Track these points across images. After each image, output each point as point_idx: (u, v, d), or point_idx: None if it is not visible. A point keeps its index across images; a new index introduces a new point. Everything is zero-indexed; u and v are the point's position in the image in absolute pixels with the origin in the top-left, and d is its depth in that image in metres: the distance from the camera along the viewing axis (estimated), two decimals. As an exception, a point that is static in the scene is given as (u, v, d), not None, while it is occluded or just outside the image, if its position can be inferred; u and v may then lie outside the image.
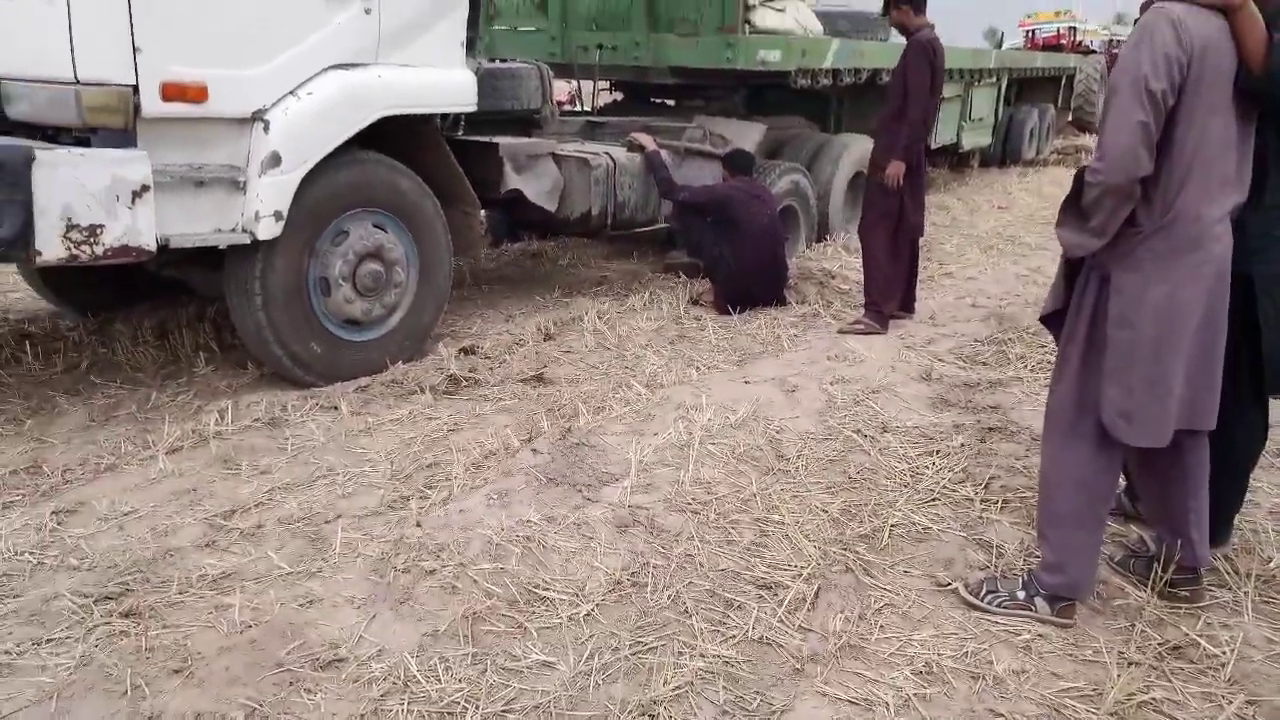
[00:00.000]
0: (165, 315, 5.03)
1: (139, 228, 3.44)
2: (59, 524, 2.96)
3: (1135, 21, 2.28)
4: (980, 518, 3.11)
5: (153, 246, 3.51)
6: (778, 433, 3.75)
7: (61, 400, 4.00)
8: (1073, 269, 2.45)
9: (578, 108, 7.57)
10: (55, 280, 4.89)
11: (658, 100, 7.91)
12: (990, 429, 3.80)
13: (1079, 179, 2.28)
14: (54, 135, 3.55)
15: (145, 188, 3.43)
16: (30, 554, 2.78)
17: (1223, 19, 2.12)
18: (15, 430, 3.68)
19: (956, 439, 3.71)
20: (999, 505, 3.18)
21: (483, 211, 6.84)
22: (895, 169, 5.00)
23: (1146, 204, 2.23)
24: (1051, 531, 2.52)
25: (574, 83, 7.12)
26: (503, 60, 6.37)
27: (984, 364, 4.73)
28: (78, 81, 3.35)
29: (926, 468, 3.48)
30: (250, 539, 2.91)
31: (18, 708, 2.13)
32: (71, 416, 3.86)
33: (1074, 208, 2.32)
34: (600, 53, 6.60)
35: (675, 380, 4.34)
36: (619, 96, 8.24)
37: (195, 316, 5.03)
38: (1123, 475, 2.71)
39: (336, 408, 3.93)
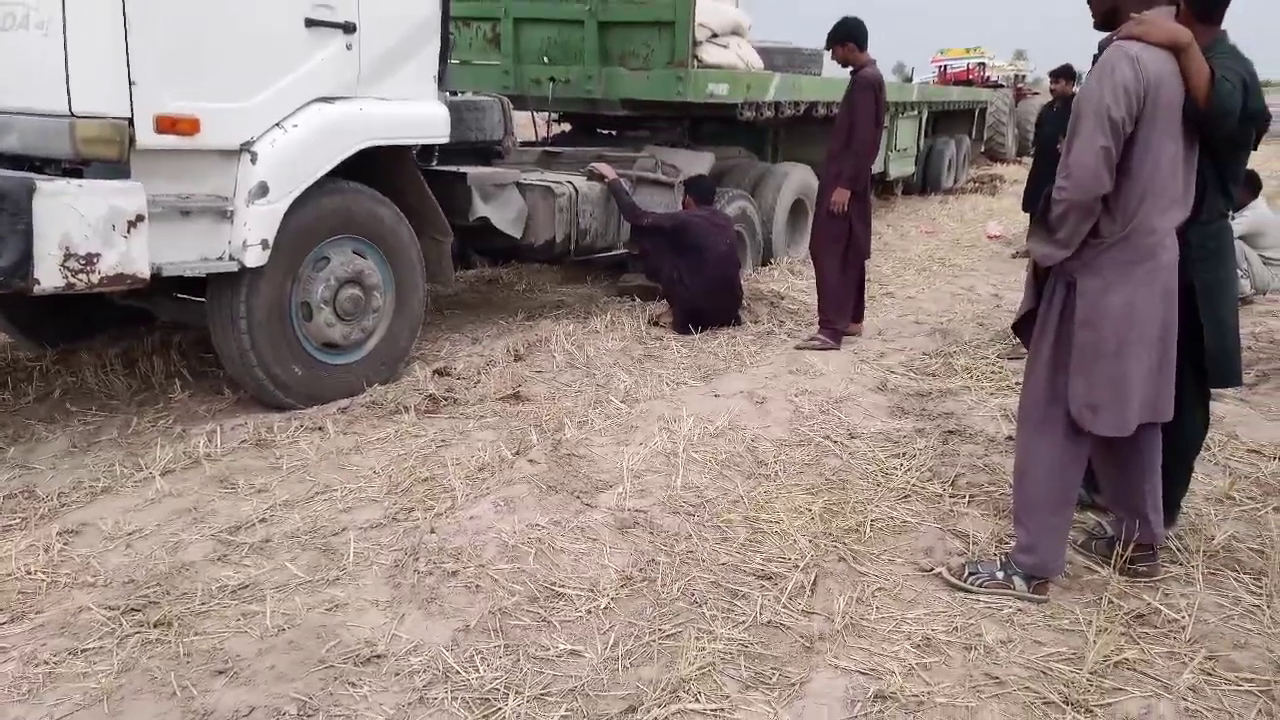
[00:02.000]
0: (129, 344, 5.02)
1: (133, 256, 3.50)
2: (65, 544, 2.99)
3: (1094, 58, 2.57)
4: (951, 511, 3.36)
5: (146, 274, 3.56)
6: (754, 440, 3.97)
7: (39, 428, 3.99)
8: (1040, 277, 2.73)
9: (532, 138, 7.76)
10: (14, 313, 4.85)
11: (605, 131, 8.15)
12: (950, 432, 4.08)
13: (1047, 197, 2.56)
14: (39, 167, 3.60)
15: (140, 217, 3.49)
16: (43, 573, 2.81)
17: (1173, 57, 2.42)
18: None
19: (920, 442, 3.98)
20: (967, 499, 3.44)
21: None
22: (840, 195, 5.31)
23: (1108, 218, 2.51)
24: (1026, 516, 2.77)
25: (535, 115, 7.31)
26: (459, 93, 6.56)
27: (933, 375, 5.04)
28: (72, 114, 3.41)
29: (896, 468, 3.73)
30: (261, 552, 2.98)
31: (69, 711, 2.19)
32: (53, 443, 3.86)
33: (1043, 222, 2.59)
34: (553, 85, 6.81)
35: (650, 395, 4.53)
36: (567, 127, 8.46)
37: (161, 345, 5.04)
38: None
39: (322, 429, 4.01)
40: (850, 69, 5.48)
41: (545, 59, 6.90)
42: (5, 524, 3.14)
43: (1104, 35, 2.56)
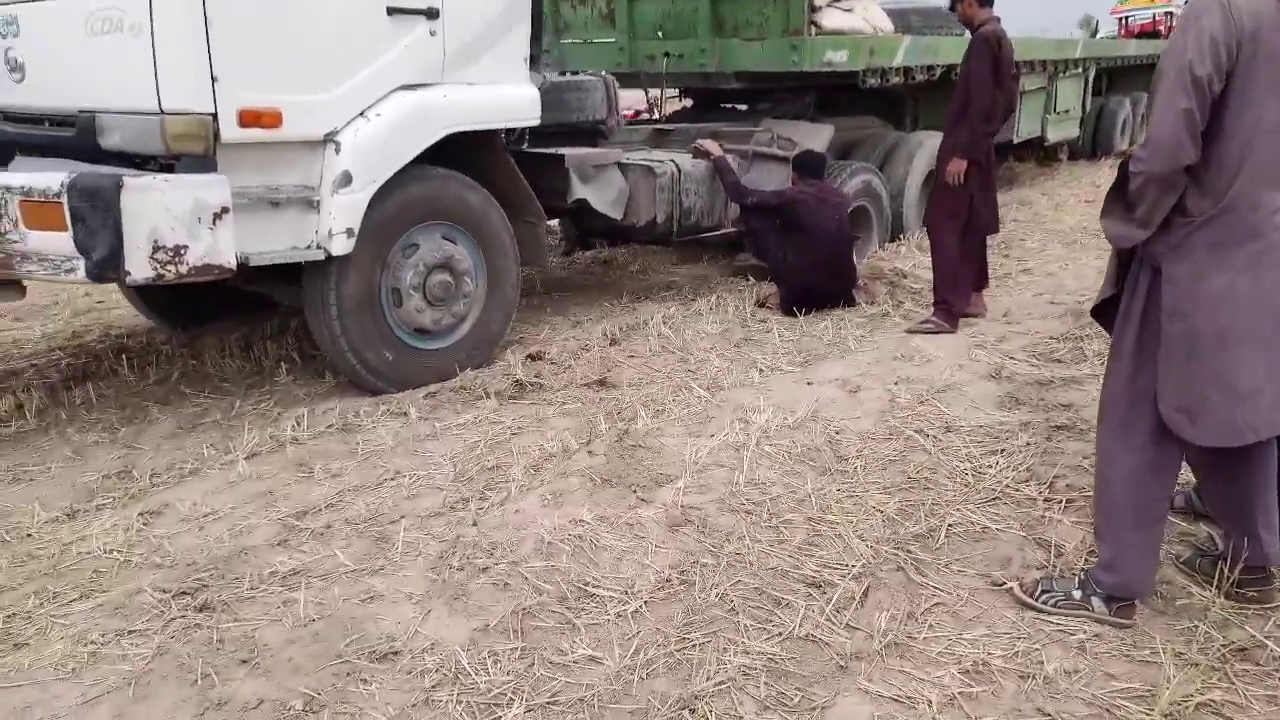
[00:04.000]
0: (251, 329, 5.29)
1: (220, 247, 3.64)
2: (145, 524, 3.16)
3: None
4: (1042, 517, 3.05)
5: (233, 264, 3.70)
6: (837, 433, 3.74)
7: (154, 409, 4.25)
8: (1124, 260, 2.40)
9: (654, 116, 7.65)
10: (150, 297, 5.19)
11: (728, 105, 7.92)
12: (1058, 427, 3.70)
13: (1124, 168, 2.23)
14: (142, 163, 3.80)
15: (225, 209, 3.63)
16: (118, 552, 2.97)
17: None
18: (110, 438, 3.94)
19: (1022, 437, 3.64)
20: (1062, 504, 3.11)
21: (556, 221, 7.07)
22: (956, 166, 4.92)
23: (1197, 192, 2.17)
24: (1107, 529, 2.46)
25: (650, 91, 7.19)
26: (574, 72, 6.52)
27: (1058, 361, 4.61)
28: (162, 111, 3.57)
29: (989, 467, 3.42)
30: (320, 538, 3.05)
31: (102, 693, 2.29)
32: (162, 425, 4.09)
33: (1119, 197, 2.27)
34: (667, 60, 6.66)
35: (736, 383, 4.36)
36: (689, 103, 8.29)
37: (278, 329, 5.28)
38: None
39: (406, 413, 4.07)
40: (971, 28, 5.05)
41: (659, 33, 6.76)
42: (99, 503, 3.35)
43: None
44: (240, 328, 5.32)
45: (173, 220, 3.51)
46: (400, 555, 2.90)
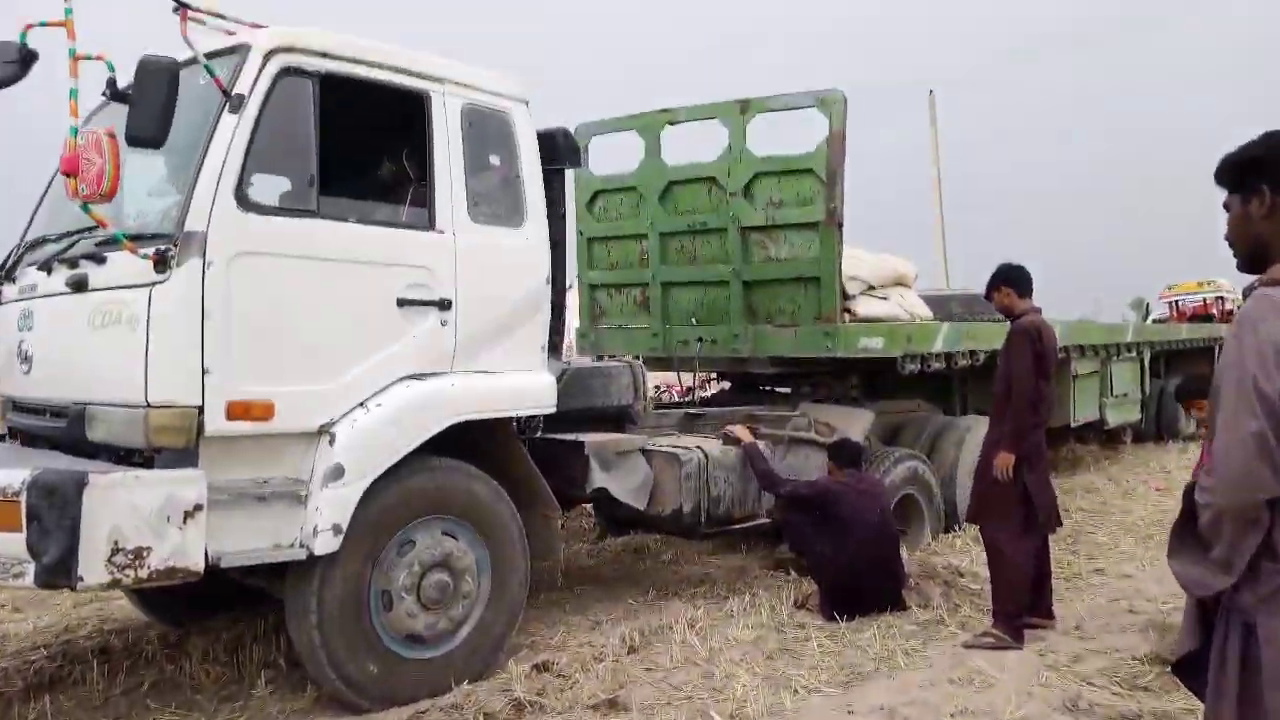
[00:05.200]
0: (244, 627, 4.89)
1: (187, 549, 3.35)
2: None
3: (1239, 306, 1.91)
4: None
5: (200, 567, 3.39)
6: (881, 785, 3.10)
7: (108, 729, 3.79)
8: (1208, 606, 1.93)
9: (693, 399, 7.50)
10: (143, 590, 4.87)
11: (766, 387, 7.76)
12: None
13: (1189, 497, 1.83)
14: (127, 455, 3.62)
15: (198, 507, 3.37)
16: None
17: None
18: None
19: (1110, 800, 2.96)
20: None
21: (590, 506, 6.73)
22: (1004, 460, 4.53)
23: (1290, 529, 1.74)
24: None
25: (689, 375, 7.08)
26: (611, 357, 6.46)
27: (1145, 689, 3.94)
28: (148, 404, 3.42)
29: (1071, 842, 2.74)
30: None
31: None
32: (110, 749, 3.62)
33: (1188, 534, 1.85)
34: (700, 345, 6.59)
35: (764, 711, 3.76)
36: (726, 385, 8.16)
37: (273, 626, 4.87)
38: None
39: (379, 743, 3.55)
40: (1010, 318, 4.85)
41: (693, 320, 6.74)
42: None
43: (1251, 280, 1.88)
44: (235, 626, 4.93)
45: (138, 520, 3.25)
46: None
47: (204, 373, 3.46)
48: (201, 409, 3.46)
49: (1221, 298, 20.78)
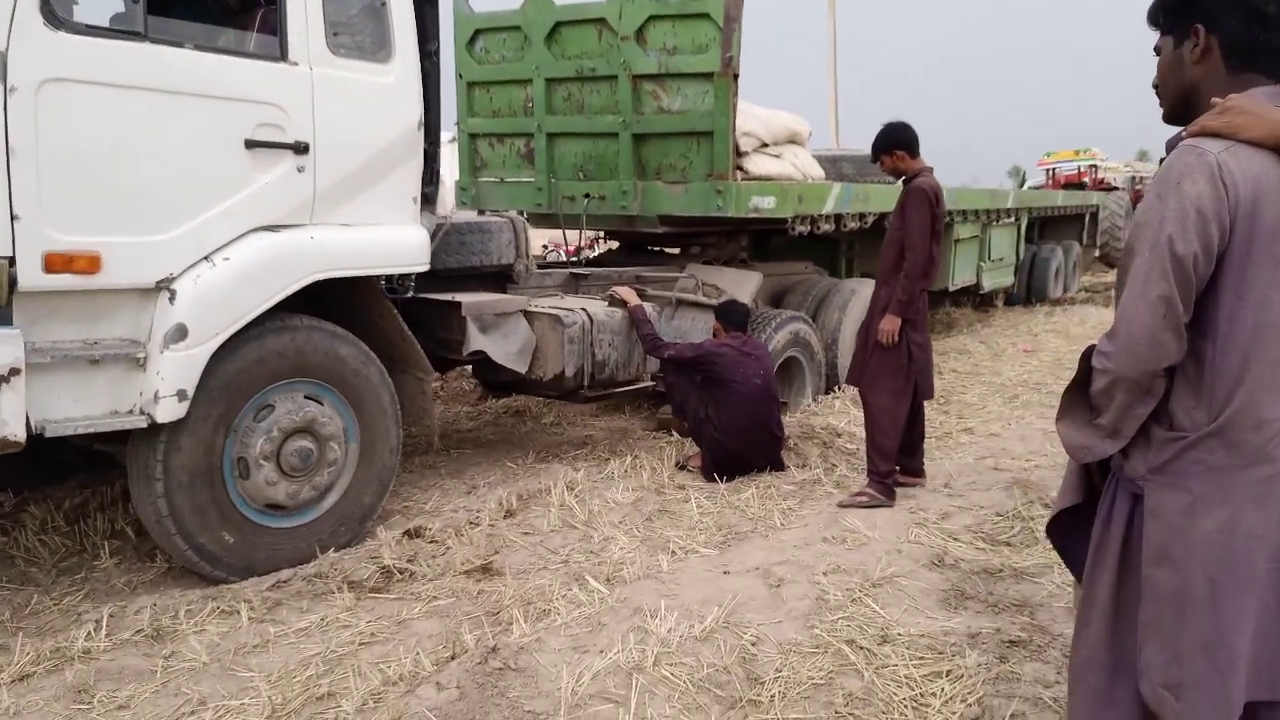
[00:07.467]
0: (90, 494, 4.56)
1: (4, 417, 2.99)
2: None
3: (1160, 161, 1.77)
4: (999, 776, 2.43)
5: (20, 438, 3.05)
6: (753, 644, 3.11)
7: (-67, 605, 3.48)
8: (1090, 467, 1.87)
9: (580, 258, 7.24)
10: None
11: (655, 248, 7.56)
12: (1012, 642, 3.13)
13: (1085, 361, 1.74)
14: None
15: (15, 371, 3.00)
16: None
17: (1276, 157, 1.60)
18: None
19: (971, 655, 3.05)
20: (1023, 757, 2.50)
21: (470, 368, 6.51)
22: (890, 324, 4.50)
23: (1191, 401, 1.66)
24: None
25: (579, 233, 6.79)
26: (493, 212, 6.09)
27: (1007, 544, 4.09)
28: (-49, 255, 2.98)
29: (933, 695, 2.82)
30: (70, 810, 2.31)
31: None
32: (-66, 627, 3.33)
33: (1080, 397, 1.77)
34: (588, 202, 6.29)
35: (641, 573, 3.73)
36: (614, 245, 7.92)
37: (121, 494, 4.55)
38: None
39: (237, 612, 3.36)
40: (903, 179, 4.73)
41: (580, 174, 6.41)
42: None
43: (1175, 132, 1.74)
44: (80, 494, 4.59)
45: (-58, 386, 2.87)
46: (165, 842, 2.18)
47: (12, 219, 3.02)
48: (13, 260, 3.03)
49: (1094, 165, 21.44)
